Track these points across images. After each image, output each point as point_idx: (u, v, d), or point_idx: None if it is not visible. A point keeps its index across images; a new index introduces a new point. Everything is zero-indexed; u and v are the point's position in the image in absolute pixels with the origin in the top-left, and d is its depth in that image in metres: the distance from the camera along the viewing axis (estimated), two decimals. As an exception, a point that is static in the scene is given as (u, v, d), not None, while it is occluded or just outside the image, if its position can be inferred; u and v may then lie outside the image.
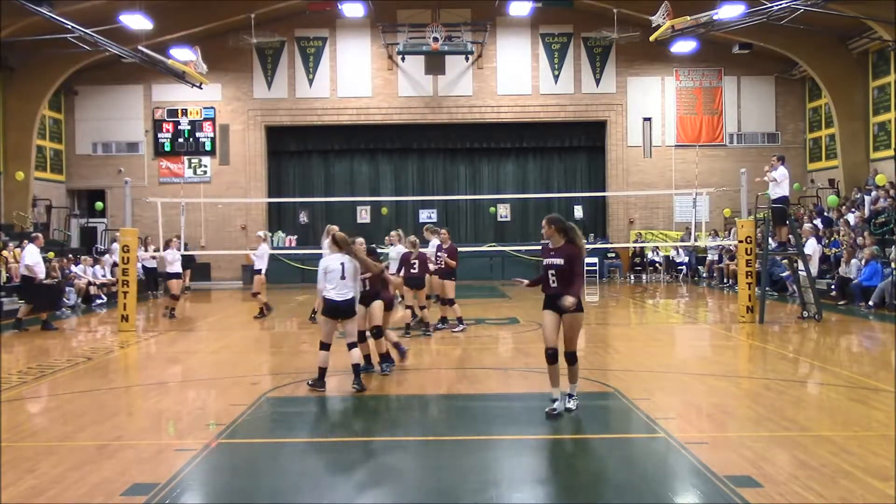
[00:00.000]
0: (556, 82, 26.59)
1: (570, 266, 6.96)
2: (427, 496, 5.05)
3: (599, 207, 27.65)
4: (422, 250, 12.80)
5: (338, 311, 8.28)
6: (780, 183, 13.88)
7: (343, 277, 8.24)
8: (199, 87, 23.74)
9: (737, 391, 8.27)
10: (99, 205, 24.99)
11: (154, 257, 20.89)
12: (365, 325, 9.06)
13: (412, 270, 12.38)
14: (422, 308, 12.85)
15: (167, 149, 26.53)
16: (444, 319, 13.38)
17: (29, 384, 8.99)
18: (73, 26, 18.24)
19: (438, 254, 13.15)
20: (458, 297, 13.42)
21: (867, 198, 20.43)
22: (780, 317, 14.87)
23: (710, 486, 5.08)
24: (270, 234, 26.70)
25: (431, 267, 12.95)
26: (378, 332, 9.11)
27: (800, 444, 5.97)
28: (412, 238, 12.93)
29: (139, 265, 18.93)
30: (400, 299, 13.42)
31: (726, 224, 25.17)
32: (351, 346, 8.45)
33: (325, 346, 8.27)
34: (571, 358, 7.02)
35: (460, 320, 13.10)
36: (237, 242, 25.67)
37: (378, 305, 9.12)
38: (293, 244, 26.58)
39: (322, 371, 8.23)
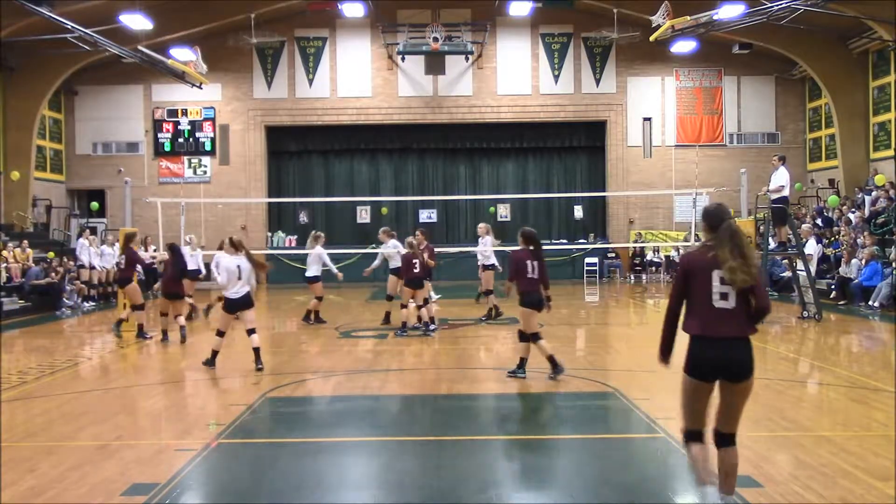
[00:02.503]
0: (556, 82, 26.57)
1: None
2: (427, 496, 5.05)
3: (599, 207, 27.63)
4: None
5: (235, 306, 9.44)
6: (783, 189, 13.84)
7: (239, 278, 9.38)
8: (199, 87, 23.72)
9: (737, 391, 8.25)
10: (94, 205, 24.93)
11: (154, 257, 20.86)
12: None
13: (414, 271, 12.44)
14: (403, 307, 12.83)
15: (167, 149, 26.51)
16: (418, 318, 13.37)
17: (29, 384, 8.99)
18: (73, 26, 18.23)
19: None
20: (458, 296, 13.45)
21: (867, 198, 20.43)
22: (780, 317, 14.87)
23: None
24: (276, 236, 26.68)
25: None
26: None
27: (800, 444, 5.97)
28: (410, 239, 12.97)
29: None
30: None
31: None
32: (250, 332, 9.55)
33: (220, 334, 9.60)
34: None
35: (433, 320, 13.11)
36: (237, 242, 25.65)
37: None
38: (293, 244, 26.56)
39: (214, 353, 9.55)
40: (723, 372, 4.26)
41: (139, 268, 14.10)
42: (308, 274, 14.23)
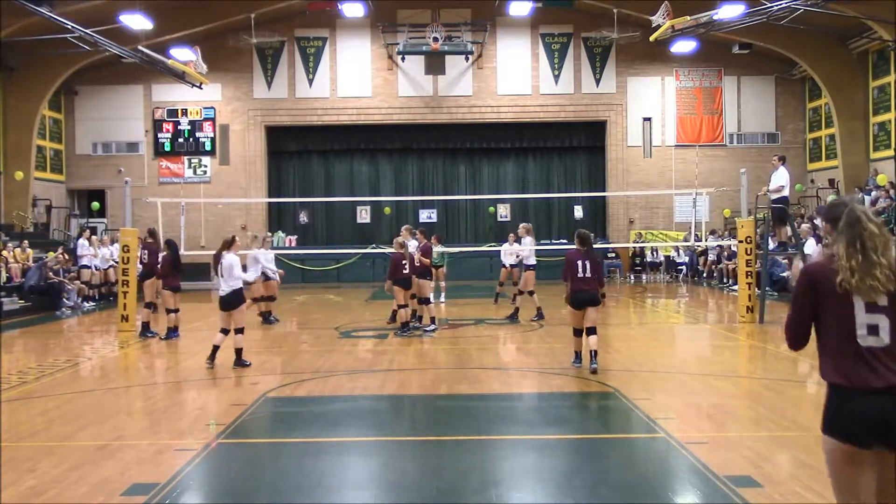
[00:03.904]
0: (556, 82, 26.57)
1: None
2: (427, 496, 5.05)
3: (599, 207, 27.63)
4: (411, 250, 12.93)
5: (220, 303, 9.80)
6: (783, 189, 13.81)
7: (221, 275, 9.77)
8: (199, 87, 23.71)
9: (737, 391, 8.27)
10: (95, 205, 24.91)
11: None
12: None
13: (403, 271, 12.45)
14: (400, 307, 12.83)
15: (167, 149, 26.51)
16: (418, 318, 13.38)
17: (29, 384, 8.99)
18: (73, 26, 18.22)
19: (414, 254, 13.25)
20: (459, 297, 13.47)
21: (867, 198, 20.44)
22: (780, 317, 14.85)
23: (710, 486, 5.08)
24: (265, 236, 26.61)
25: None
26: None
27: (800, 444, 5.97)
28: (400, 239, 12.97)
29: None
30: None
31: (727, 224, 25.17)
32: (236, 331, 9.80)
33: (222, 331, 9.82)
34: None
35: (433, 320, 13.13)
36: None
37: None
38: (293, 244, 26.57)
39: (214, 348, 9.77)
40: (879, 435, 3.00)
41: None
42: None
